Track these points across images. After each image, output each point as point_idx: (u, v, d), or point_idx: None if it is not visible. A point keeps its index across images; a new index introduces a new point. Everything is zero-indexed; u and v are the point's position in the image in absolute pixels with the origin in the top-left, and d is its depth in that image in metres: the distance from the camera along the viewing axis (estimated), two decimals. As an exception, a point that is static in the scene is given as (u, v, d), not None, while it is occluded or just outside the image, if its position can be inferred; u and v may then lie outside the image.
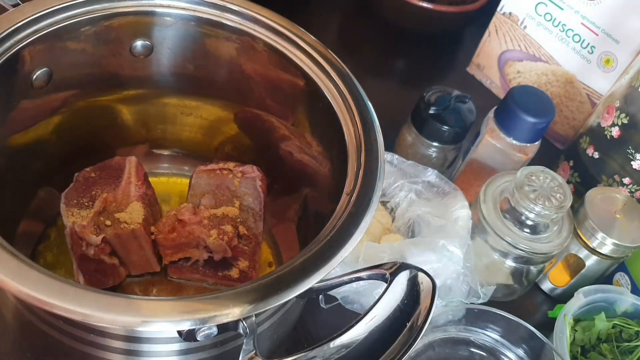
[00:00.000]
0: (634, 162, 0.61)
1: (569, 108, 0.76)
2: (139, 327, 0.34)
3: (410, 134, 0.66)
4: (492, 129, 0.62)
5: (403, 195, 0.61)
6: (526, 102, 0.60)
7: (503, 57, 0.80)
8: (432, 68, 0.87)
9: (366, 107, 0.48)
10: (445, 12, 0.80)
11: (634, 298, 0.59)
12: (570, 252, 0.61)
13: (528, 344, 0.57)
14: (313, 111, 0.52)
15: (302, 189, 0.56)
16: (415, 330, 0.37)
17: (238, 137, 0.60)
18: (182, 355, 0.41)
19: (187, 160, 0.62)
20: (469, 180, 0.67)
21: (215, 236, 0.51)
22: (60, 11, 0.48)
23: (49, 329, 0.41)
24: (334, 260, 0.38)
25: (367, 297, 0.55)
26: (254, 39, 0.52)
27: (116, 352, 0.40)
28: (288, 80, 0.52)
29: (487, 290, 0.58)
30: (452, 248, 0.55)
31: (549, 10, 0.73)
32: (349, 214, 0.41)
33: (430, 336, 0.56)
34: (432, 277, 0.39)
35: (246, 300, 0.35)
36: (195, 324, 0.34)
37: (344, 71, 0.50)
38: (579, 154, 0.66)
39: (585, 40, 0.71)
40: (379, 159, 0.45)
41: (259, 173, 0.56)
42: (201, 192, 0.55)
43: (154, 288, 0.54)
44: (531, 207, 0.56)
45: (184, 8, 0.52)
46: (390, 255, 0.54)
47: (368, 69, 0.83)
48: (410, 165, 0.63)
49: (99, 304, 0.33)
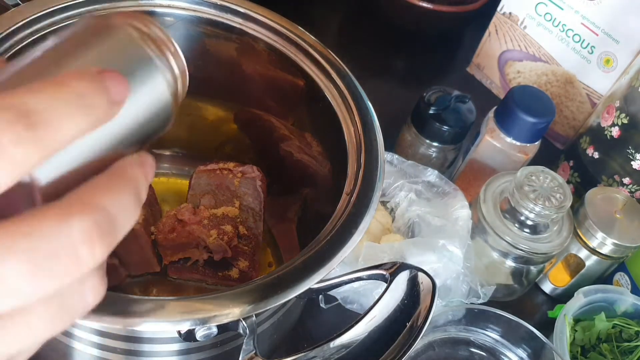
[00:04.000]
0: (634, 162, 0.61)
1: (569, 108, 0.76)
2: (139, 327, 0.34)
3: (410, 134, 0.66)
4: (492, 129, 0.62)
5: (403, 195, 0.61)
6: (526, 102, 0.60)
7: (503, 57, 0.80)
8: (432, 68, 0.87)
9: (366, 107, 0.48)
10: (445, 12, 0.80)
11: (634, 298, 0.59)
12: (570, 252, 0.61)
13: (528, 344, 0.57)
14: (313, 111, 0.52)
15: (302, 189, 0.56)
16: (415, 330, 0.37)
17: (238, 137, 0.60)
18: (182, 355, 0.41)
19: (187, 160, 0.62)
20: (469, 180, 0.67)
21: (215, 236, 0.51)
22: (60, 11, 0.48)
23: (49, 329, 0.41)
24: (334, 260, 0.38)
25: (367, 297, 0.55)
26: (254, 39, 0.52)
27: (116, 352, 0.40)
28: (288, 80, 0.52)
29: (487, 290, 0.58)
30: (452, 248, 0.55)
31: (549, 10, 0.73)
32: (349, 214, 0.41)
33: (430, 336, 0.56)
34: (432, 277, 0.39)
35: (246, 300, 0.35)
36: (195, 324, 0.34)
37: (344, 71, 0.50)
38: (579, 154, 0.66)
39: (585, 40, 0.71)
40: (379, 159, 0.45)
41: (259, 173, 0.56)
42: (201, 192, 0.55)
43: (154, 288, 0.54)
44: (531, 207, 0.56)
45: (184, 8, 0.52)
46: (390, 255, 0.54)
47: (368, 69, 0.82)
48: (410, 165, 0.63)
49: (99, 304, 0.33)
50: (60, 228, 0.18)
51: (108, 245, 0.20)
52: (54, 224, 0.18)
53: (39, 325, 0.20)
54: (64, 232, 0.18)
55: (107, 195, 0.20)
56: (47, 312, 0.20)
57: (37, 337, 0.20)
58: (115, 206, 0.20)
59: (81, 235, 0.19)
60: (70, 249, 0.18)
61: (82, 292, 0.20)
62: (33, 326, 0.19)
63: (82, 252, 0.19)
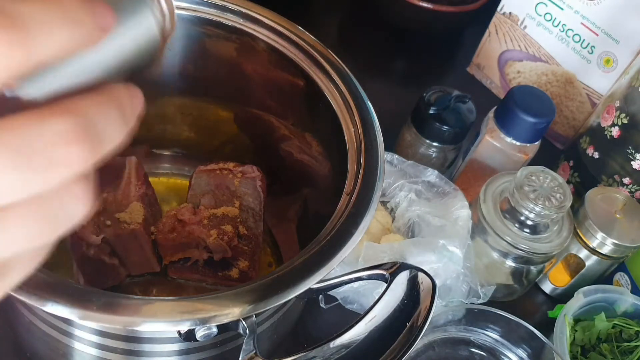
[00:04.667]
0: (634, 162, 0.61)
1: (569, 108, 0.76)
2: (139, 327, 0.34)
3: (410, 134, 0.66)
4: (492, 129, 0.62)
5: (403, 195, 0.61)
6: (526, 102, 0.60)
7: (503, 57, 0.80)
8: (432, 68, 0.87)
9: (366, 107, 0.48)
10: (445, 12, 0.80)
11: (634, 298, 0.59)
12: (570, 252, 0.61)
13: (528, 344, 0.57)
14: (313, 111, 0.52)
15: (302, 189, 0.56)
16: (415, 330, 0.37)
17: (238, 137, 0.60)
18: (182, 355, 0.41)
19: (187, 160, 0.62)
20: (469, 180, 0.67)
21: (215, 236, 0.51)
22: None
23: (49, 329, 0.41)
24: (334, 260, 0.38)
25: (367, 297, 0.55)
26: (254, 39, 0.52)
27: (116, 352, 0.40)
28: (288, 80, 0.52)
29: (487, 290, 0.58)
30: (452, 248, 0.55)
31: (549, 10, 0.73)
32: (349, 214, 0.41)
33: (430, 336, 0.56)
34: (432, 277, 0.39)
35: (246, 300, 0.35)
36: (195, 324, 0.34)
37: (344, 71, 0.50)
38: (579, 154, 0.66)
39: (585, 40, 0.71)
40: (379, 159, 0.45)
41: (259, 173, 0.56)
42: (201, 192, 0.55)
43: (154, 288, 0.54)
44: (531, 207, 0.56)
45: (184, 8, 0.52)
46: (390, 255, 0.54)
47: (368, 69, 0.83)
48: (410, 165, 0.63)
49: (99, 304, 0.33)
50: (41, 126, 0.19)
51: (89, 152, 0.20)
52: (34, 122, 0.19)
53: (23, 229, 0.20)
54: (45, 129, 0.19)
55: (90, 105, 0.20)
56: (31, 215, 0.20)
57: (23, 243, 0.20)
58: (98, 116, 0.20)
59: (61, 134, 0.19)
60: (51, 146, 0.19)
61: (65, 200, 0.20)
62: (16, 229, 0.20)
63: (61, 150, 0.19)
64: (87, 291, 0.34)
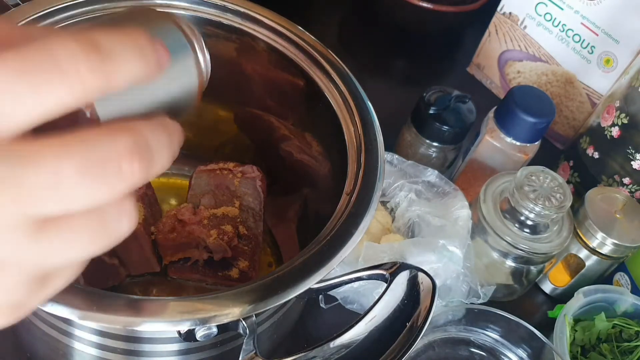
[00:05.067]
0: (634, 162, 0.61)
1: (569, 108, 0.76)
2: (139, 327, 0.34)
3: (410, 134, 0.66)
4: (492, 129, 0.62)
5: (403, 195, 0.61)
6: (526, 102, 0.60)
7: (503, 57, 0.80)
8: (432, 68, 0.87)
9: (366, 107, 0.48)
10: (445, 12, 0.80)
11: (634, 298, 0.59)
12: (570, 252, 0.61)
13: (528, 344, 0.57)
14: (313, 111, 0.52)
15: (302, 189, 0.56)
16: (415, 330, 0.37)
17: (238, 137, 0.60)
18: (182, 355, 0.41)
19: (187, 160, 0.62)
20: (469, 180, 0.67)
21: (215, 236, 0.51)
22: (60, 11, 0.48)
23: (49, 329, 0.41)
24: (334, 260, 0.38)
25: (367, 297, 0.55)
26: (254, 39, 0.52)
27: (116, 352, 0.40)
28: (288, 80, 0.52)
29: (487, 290, 0.58)
30: (452, 248, 0.55)
31: (549, 10, 0.73)
32: (349, 214, 0.41)
33: (430, 336, 0.56)
34: (432, 277, 0.39)
35: (246, 300, 0.35)
36: (195, 324, 0.34)
37: (344, 71, 0.50)
38: (579, 154, 0.66)
39: (585, 40, 0.71)
40: (379, 159, 0.45)
41: (259, 173, 0.56)
42: (201, 192, 0.55)
43: (154, 288, 0.54)
44: (531, 207, 0.56)
45: (184, 8, 0.52)
46: (390, 255, 0.54)
47: (368, 69, 0.83)
48: (410, 165, 0.63)
49: (99, 304, 0.33)
50: (109, 141, 0.21)
51: (145, 169, 0.22)
52: (104, 138, 0.21)
53: (79, 238, 0.21)
54: (112, 145, 0.21)
55: (147, 128, 0.22)
56: (87, 225, 0.21)
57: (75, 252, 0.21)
58: (153, 139, 0.22)
59: (124, 150, 0.21)
60: (115, 160, 0.21)
61: (119, 214, 0.22)
62: (73, 238, 0.21)
63: (124, 165, 0.21)
64: (87, 291, 0.34)
